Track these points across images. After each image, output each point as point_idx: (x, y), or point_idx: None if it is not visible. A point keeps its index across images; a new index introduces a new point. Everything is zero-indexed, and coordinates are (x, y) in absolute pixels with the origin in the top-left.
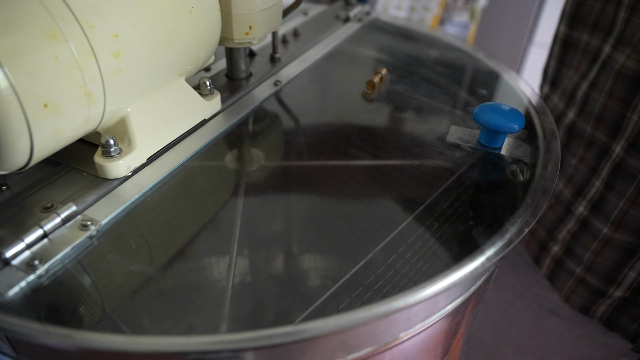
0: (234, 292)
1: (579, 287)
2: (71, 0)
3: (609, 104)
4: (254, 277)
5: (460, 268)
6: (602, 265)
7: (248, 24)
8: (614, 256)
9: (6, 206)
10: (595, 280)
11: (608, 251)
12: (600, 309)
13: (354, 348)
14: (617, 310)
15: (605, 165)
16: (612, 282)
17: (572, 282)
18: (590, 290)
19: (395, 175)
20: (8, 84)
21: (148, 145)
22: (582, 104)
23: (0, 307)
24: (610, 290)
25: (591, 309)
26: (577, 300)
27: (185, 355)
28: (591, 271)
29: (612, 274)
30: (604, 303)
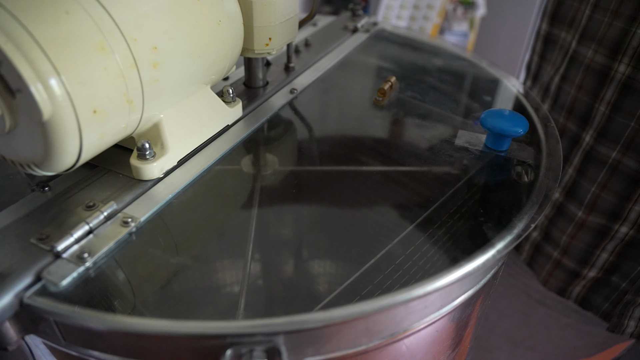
0: (258, 283)
1: (556, 270)
2: (117, 16)
3: (579, 96)
4: (277, 270)
5: (473, 260)
6: (577, 247)
7: (268, 35)
8: (588, 238)
9: (50, 206)
10: (570, 262)
11: (582, 234)
12: (576, 289)
13: (376, 335)
14: (591, 291)
15: (576, 154)
16: (586, 263)
17: (550, 266)
18: (566, 273)
19: (408, 177)
20: (64, 91)
21: (179, 149)
22: (555, 97)
23: (54, 295)
24: (585, 271)
25: (567, 290)
26: (554, 282)
27: (224, 338)
28: (567, 254)
29: (586, 255)
30: (579, 284)
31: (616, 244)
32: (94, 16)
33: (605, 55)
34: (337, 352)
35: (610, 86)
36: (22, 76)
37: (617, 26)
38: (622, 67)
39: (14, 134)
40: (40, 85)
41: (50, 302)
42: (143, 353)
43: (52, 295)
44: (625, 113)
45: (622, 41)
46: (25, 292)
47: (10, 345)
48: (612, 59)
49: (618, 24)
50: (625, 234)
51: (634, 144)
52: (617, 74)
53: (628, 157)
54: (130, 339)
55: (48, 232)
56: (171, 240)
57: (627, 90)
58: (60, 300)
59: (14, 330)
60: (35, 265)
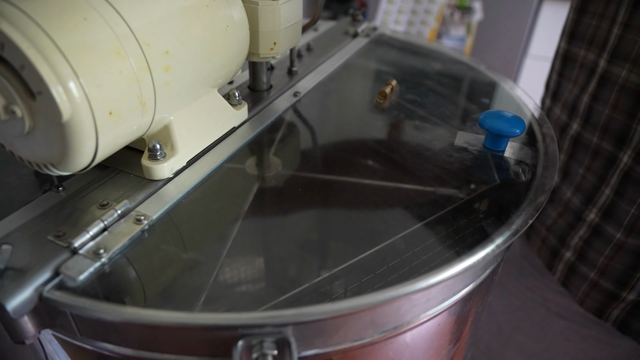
0: (266, 278)
1: (593, 291)
2: (132, 22)
3: (614, 116)
4: (284, 265)
5: (473, 254)
6: (615, 269)
7: (273, 40)
8: (628, 260)
9: (64, 205)
10: (609, 284)
11: (621, 255)
12: (614, 312)
13: (381, 327)
14: (630, 314)
15: (613, 174)
16: (626, 285)
17: (586, 286)
18: (604, 294)
19: (409, 176)
20: (83, 93)
21: (188, 150)
22: (586, 116)
23: (72, 290)
24: (624, 293)
25: (605, 312)
26: (591, 303)
27: (236, 329)
28: (605, 275)
29: (625, 277)
30: (618, 307)
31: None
32: (110, 22)
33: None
34: (343, 344)
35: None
36: (44, 79)
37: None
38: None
39: (32, 135)
40: (60, 87)
41: (68, 295)
42: (157, 345)
43: (70, 290)
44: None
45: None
46: (44, 287)
47: (28, 339)
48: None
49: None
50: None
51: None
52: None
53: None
54: (144, 331)
55: (64, 230)
56: (182, 237)
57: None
58: (77, 294)
59: (32, 324)
60: (53, 261)
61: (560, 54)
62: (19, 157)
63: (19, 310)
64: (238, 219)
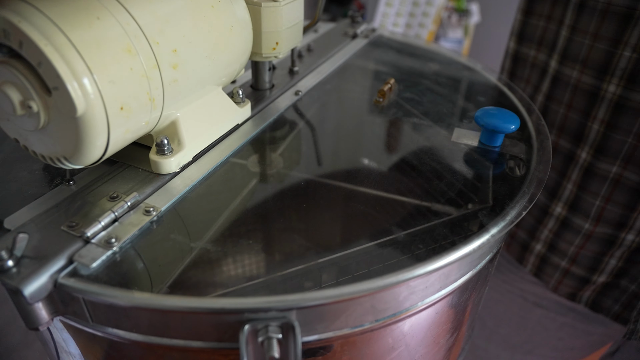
0: (271, 265)
1: (565, 278)
2: (142, 21)
3: (570, 115)
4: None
5: (469, 243)
6: (585, 256)
7: (275, 40)
8: (596, 247)
9: (76, 198)
10: (580, 270)
11: (590, 244)
12: (586, 294)
13: (381, 313)
14: (601, 294)
15: (574, 170)
16: (596, 270)
17: (559, 274)
18: (576, 280)
19: (408, 169)
20: (96, 89)
21: (194, 145)
22: (542, 115)
23: (85, 277)
24: (594, 277)
25: (577, 295)
26: (565, 289)
27: (242, 313)
28: (576, 262)
29: (595, 263)
30: (589, 289)
31: (623, 250)
32: (122, 21)
33: (593, 76)
34: (345, 329)
35: (602, 105)
36: (60, 75)
37: (600, 48)
38: (612, 88)
39: (47, 130)
40: (75, 83)
41: (82, 282)
42: (166, 331)
43: (83, 277)
44: (621, 130)
45: (609, 63)
46: (59, 274)
47: (42, 325)
48: (601, 80)
49: (601, 46)
50: (632, 241)
51: (633, 158)
52: (607, 94)
53: (629, 171)
54: (155, 316)
55: (77, 221)
56: (188, 228)
57: (619, 109)
58: (90, 281)
59: (46, 310)
60: (67, 249)
61: (510, 54)
62: (33, 151)
63: (35, 295)
64: (242, 211)
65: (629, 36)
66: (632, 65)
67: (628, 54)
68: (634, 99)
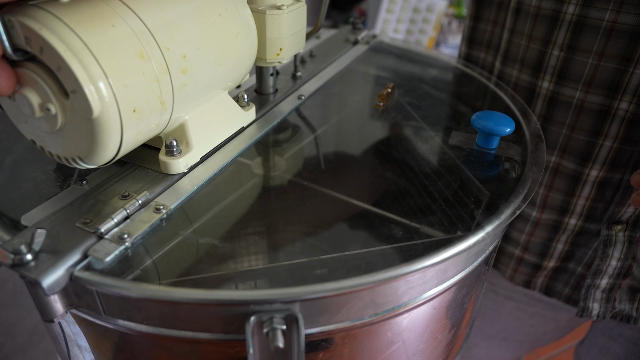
0: (276, 261)
1: (520, 266)
2: (153, 28)
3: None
4: (290, 250)
5: (465, 239)
6: (535, 243)
7: (279, 46)
8: (544, 234)
9: (88, 196)
10: (531, 257)
11: (539, 230)
12: (539, 280)
13: (380, 307)
14: (552, 279)
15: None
16: (545, 255)
17: (514, 263)
18: (529, 267)
19: (406, 171)
20: (111, 92)
21: (202, 147)
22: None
23: (99, 271)
24: (545, 262)
25: (532, 282)
26: (520, 277)
27: (248, 305)
28: (528, 250)
29: (544, 249)
30: (542, 275)
31: (568, 235)
32: (134, 29)
33: (529, 74)
34: (346, 322)
35: (538, 100)
36: (78, 79)
37: (534, 49)
38: (546, 84)
39: (63, 131)
40: (92, 86)
41: (97, 275)
42: (175, 322)
43: (97, 271)
44: (556, 123)
45: (542, 61)
46: (75, 268)
47: (57, 317)
48: (536, 77)
49: (535, 47)
50: (575, 225)
51: (568, 148)
52: (542, 90)
53: (566, 160)
54: (165, 308)
55: (90, 218)
56: (197, 225)
57: (553, 103)
58: (104, 274)
59: (61, 303)
60: (82, 245)
61: (462, 58)
62: (49, 152)
63: (53, 287)
64: (247, 209)
65: (557, 36)
66: (561, 63)
67: (557, 52)
68: (564, 94)
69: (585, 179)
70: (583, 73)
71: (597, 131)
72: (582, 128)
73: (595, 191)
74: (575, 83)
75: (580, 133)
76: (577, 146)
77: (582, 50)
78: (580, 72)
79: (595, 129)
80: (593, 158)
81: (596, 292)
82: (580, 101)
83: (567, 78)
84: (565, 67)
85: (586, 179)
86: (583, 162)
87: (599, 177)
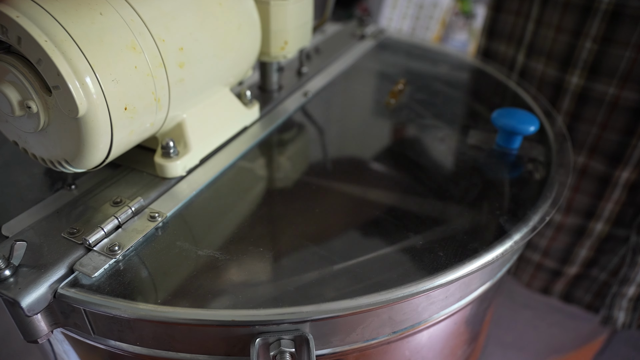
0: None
1: (538, 272)
2: (147, 18)
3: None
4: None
5: (491, 250)
6: (556, 248)
7: (283, 39)
8: (566, 239)
9: (77, 203)
10: (551, 262)
11: (561, 235)
12: (558, 286)
13: (399, 324)
14: (573, 286)
15: None
16: (566, 261)
17: (532, 269)
18: (548, 273)
19: (423, 173)
20: (99, 88)
21: (201, 148)
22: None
23: (86, 287)
24: (565, 268)
25: (550, 288)
26: (537, 283)
27: (253, 326)
28: (548, 255)
29: (565, 254)
30: (561, 281)
31: (593, 240)
32: (126, 18)
33: (556, 68)
34: (361, 342)
35: (566, 96)
36: (61, 73)
37: (563, 41)
38: (575, 79)
39: (47, 132)
40: (77, 82)
41: (84, 292)
42: (172, 344)
43: (85, 287)
44: (584, 120)
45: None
46: (59, 284)
47: (41, 338)
48: (564, 72)
49: (564, 39)
50: (601, 231)
51: (598, 148)
52: (570, 85)
53: (594, 161)
54: (160, 329)
55: (78, 227)
56: (195, 235)
57: (583, 99)
58: (92, 292)
59: (45, 322)
60: (67, 258)
61: (482, 50)
62: (33, 154)
63: (34, 307)
64: (250, 217)
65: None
66: (593, 57)
67: (589, 45)
68: (596, 90)
69: (616, 182)
70: (618, 67)
71: (630, 130)
72: (615, 127)
73: (626, 195)
74: (609, 78)
75: (612, 132)
76: (608, 146)
77: (618, 43)
78: (615, 66)
79: (629, 128)
80: (625, 159)
81: (622, 301)
82: (614, 97)
83: (600, 73)
84: (598, 60)
85: (617, 182)
86: (614, 163)
87: (631, 179)
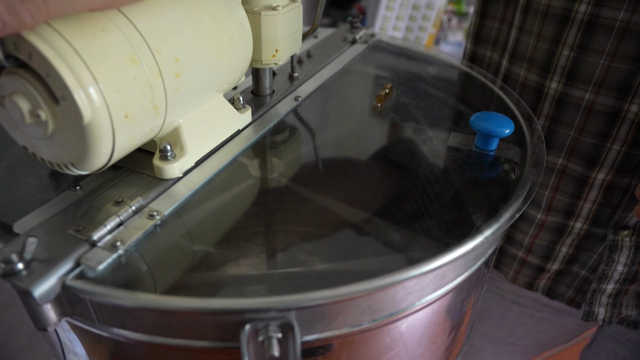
0: (271, 268)
1: (523, 268)
2: (145, 32)
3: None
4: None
5: (463, 245)
6: (539, 245)
7: (274, 47)
8: (548, 237)
9: (82, 202)
10: (535, 259)
11: (543, 233)
12: (542, 282)
13: (378, 313)
14: (555, 281)
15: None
16: (549, 258)
17: (516, 265)
18: (532, 269)
19: (404, 173)
20: (102, 97)
21: (196, 151)
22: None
23: (91, 279)
24: (548, 265)
25: (534, 284)
26: (522, 279)
27: (243, 313)
28: (531, 252)
29: (548, 251)
30: (544, 277)
31: (573, 238)
32: (125, 32)
33: (537, 74)
34: (343, 329)
35: (546, 101)
36: (67, 85)
37: (543, 48)
38: (554, 85)
39: (54, 137)
40: (82, 92)
41: (89, 284)
42: (170, 331)
43: (90, 279)
44: (564, 124)
45: (551, 61)
46: (67, 276)
47: (50, 326)
48: (544, 77)
49: (544, 46)
50: (580, 229)
51: (576, 150)
52: (550, 90)
53: (573, 162)
54: (159, 317)
55: (83, 225)
56: (191, 231)
57: (562, 104)
58: (97, 283)
59: (54, 312)
60: (74, 253)
61: (468, 55)
62: (41, 158)
63: (45, 297)
64: (243, 215)
65: (567, 36)
66: (570, 64)
67: (567, 52)
68: (573, 95)
69: (592, 183)
70: (594, 74)
71: (605, 134)
72: (591, 130)
73: (602, 195)
74: (585, 84)
75: (589, 135)
76: (585, 149)
77: (593, 51)
78: (590, 73)
79: (604, 132)
80: (600, 161)
81: (602, 297)
82: (590, 103)
83: (577, 79)
84: (575, 67)
85: (593, 183)
86: (590, 165)
87: (606, 180)
